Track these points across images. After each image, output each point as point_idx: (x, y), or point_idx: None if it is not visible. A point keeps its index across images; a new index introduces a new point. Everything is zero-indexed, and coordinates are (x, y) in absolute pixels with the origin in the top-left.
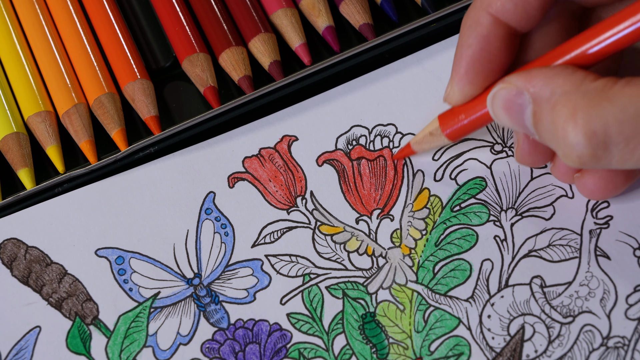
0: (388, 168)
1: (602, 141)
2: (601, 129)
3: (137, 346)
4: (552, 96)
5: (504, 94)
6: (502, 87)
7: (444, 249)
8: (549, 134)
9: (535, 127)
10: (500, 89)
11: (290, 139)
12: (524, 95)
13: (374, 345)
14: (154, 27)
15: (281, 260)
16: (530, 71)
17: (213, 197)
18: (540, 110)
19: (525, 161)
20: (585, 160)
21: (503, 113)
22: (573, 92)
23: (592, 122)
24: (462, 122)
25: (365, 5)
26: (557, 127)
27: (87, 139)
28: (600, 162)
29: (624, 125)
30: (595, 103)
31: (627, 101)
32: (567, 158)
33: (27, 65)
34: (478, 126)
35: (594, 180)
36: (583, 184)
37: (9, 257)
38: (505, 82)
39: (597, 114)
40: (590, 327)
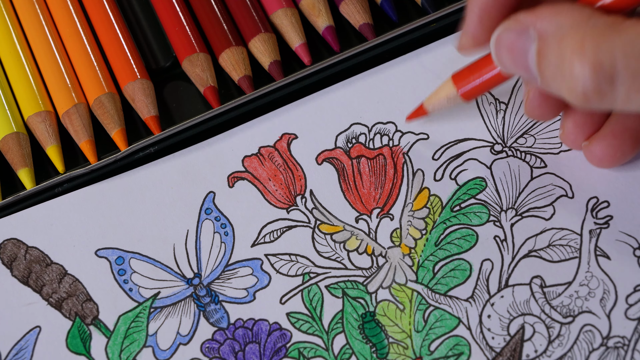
0: (388, 167)
1: (608, 74)
2: (608, 60)
3: (137, 346)
4: (559, 30)
5: (508, 33)
6: (507, 25)
7: (444, 249)
8: (555, 69)
9: (539, 65)
10: (506, 26)
11: (290, 137)
12: (530, 32)
13: (374, 344)
14: (154, 27)
15: (281, 260)
16: (536, 8)
17: (213, 197)
18: (546, 46)
19: (534, 113)
20: (590, 96)
21: (507, 54)
22: (582, 25)
23: (599, 53)
24: (477, 80)
25: (365, 5)
26: (564, 59)
27: (87, 139)
28: (604, 99)
29: (632, 60)
30: (604, 35)
31: (636, 36)
32: (572, 93)
33: (27, 65)
34: (493, 84)
35: (602, 148)
36: (591, 152)
37: (9, 257)
38: (510, 20)
39: (605, 45)
40: (590, 327)
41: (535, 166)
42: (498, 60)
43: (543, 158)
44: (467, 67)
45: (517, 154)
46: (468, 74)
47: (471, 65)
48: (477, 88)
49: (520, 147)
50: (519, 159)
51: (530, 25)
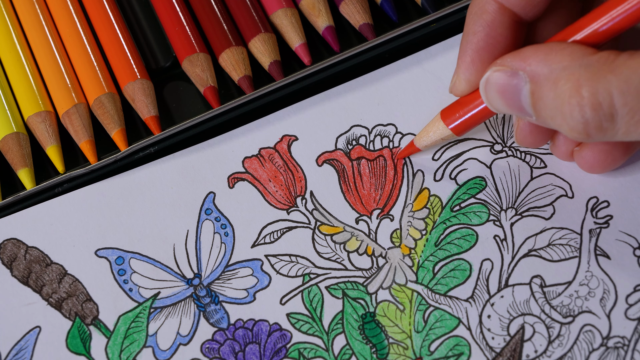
0: (388, 168)
1: (608, 113)
2: (606, 100)
3: (137, 346)
4: (552, 73)
5: (498, 76)
6: (495, 70)
7: (443, 249)
8: (552, 110)
9: (534, 106)
10: (494, 71)
11: (290, 138)
12: (520, 76)
13: (374, 345)
14: (154, 27)
15: (281, 260)
16: (522, 50)
17: (213, 197)
18: (540, 89)
19: (526, 142)
20: (592, 133)
21: (497, 97)
22: (574, 66)
23: (597, 94)
24: (466, 115)
25: (365, 5)
26: (562, 102)
27: (87, 139)
28: (606, 135)
29: (629, 97)
30: (599, 76)
31: (631, 73)
32: (574, 132)
33: (27, 65)
34: (483, 118)
35: (593, 153)
36: (582, 158)
37: (9, 257)
38: (497, 65)
39: (601, 86)
40: (590, 327)
41: (535, 166)
42: (488, 102)
43: (543, 158)
44: (455, 103)
45: (517, 153)
46: (456, 109)
47: (459, 100)
48: (466, 122)
49: (520, 147)
50: (518, 159)
51: (519, 68)
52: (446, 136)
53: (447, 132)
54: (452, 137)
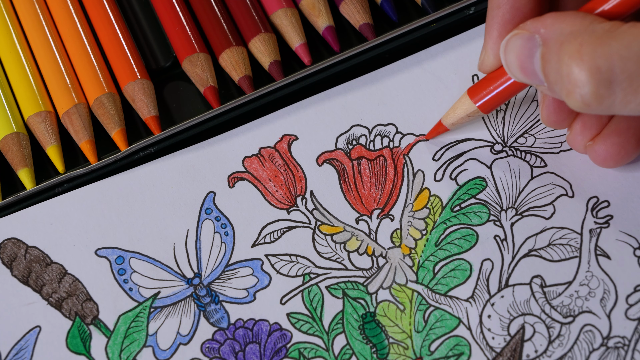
0: (388, 168)
1: (605, 78)
2: (605, 65)
3: (137, 346)
4: (560, 35)
5: (516, 39)
6: (515, 33)
7: (444, 249)
8: (555, 73)
9: (543, 70)
10: (513, 34)
11: (290, 138)
12: (535, 39)
13: (374, 345)
14: (154, 27)
15: (281, 260)
16: (543, 16)
17: (213, 196)
18: (549, 51)
19: (550, 120)
20: (588, 100)
21: (515, 60)
22: (581, 31)
23: (596, 58)
24: (494, 91)
25: (365, 5)
26: (562, 63)
27: (87, 139)
28: (603, 103)
29: (628, 63)
30: (601, 41)
31: (632, 39)
32: (571, 97)
33: (27, 65)
34: (511, 94)
35: (606, 147)
36: (595, 152)
37: (9, 257)
38: (518, 28)
39: (602, 50)
40: (591, 327)
41: (536, 165)
42: (507, 67)
43: (543, 157)
44: (482, 81)
45: (517, 153)
46: (483, 86)
47: (486, 77)
48: (493, 99)
49: (520, 147)
50: (519, 159)
51: (535, 31)
52: (472, 112)
53: (474, 109)
54: (478, 114)
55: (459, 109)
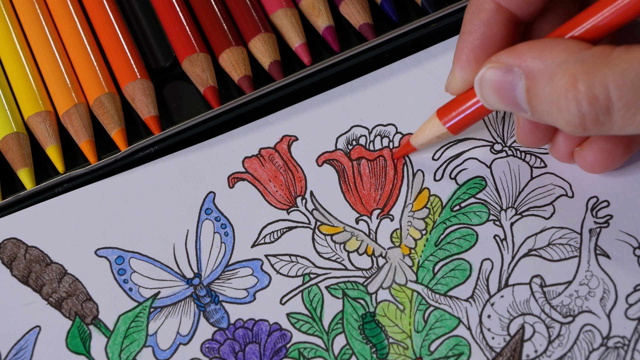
0: (388, 168)
1: (604, 106)
2: (602, 94)
3: (137, 346)
4: (547, 68)
5: (492, 73)
6: (490, 67)
7: (443, 249)
8: (548, 105)
9: (530, 102)
10: (489, 68)
11: (290, 139)
12: (515, 72)
13: (374, 345)
14: (154, 27)
15: (281, 260)
16: (516, 47)
17: (213, 197)
18: (535, 84)
19: (527, 141)
20: (589, 126)
21: (492, 93)
22: (570, 61)
23: (593, 87)
24: (463, 113)
25: (365, 5)
26: (559, 96)
27: (87, 139)
28: (602, 128)
29: (625, 90)
30: (594, 69)
31: (627, 66)
32: (570, 126)
33: (27, 65)
34: (479, 116)
35: (593, 153)
36: (583, 158)
37: (8, 256)
38: (492, 62)
39: (597, 79)
40: (590, 327)
41: (535, 166)
42: (483, 99)
43: (543, 158)
44: (451, 102)
45: (516, 153)
46: (453, 108)
47: (455, 99)
48: (462, 121)
49: (520, 147)
50: (518, 159)
51: (514, 64)
52: (442, 134)
53: (443, 130)
54: (448, 135)
55: (428, 130)
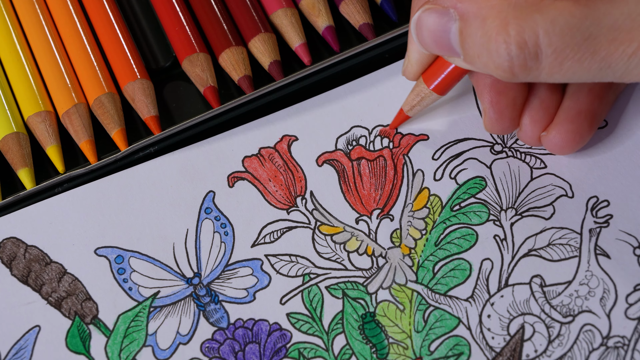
0: (388, 168)
1: (533, 52)
2: (532, 39)
3: (137, 345)
4: (481, 10)
5: (428, 14)
6: (426, 8)
7: (443, 249)
8: (479, 48)
9: (462, 45)
10: (425, 9)
11: (290, 138)
12: (450, 13)
13: (374, 345)
14: (154, 27)
15: (281, 260)
16: None
17: (213, 196)
18: (468, 26)
19: (494, 128)
20: (517, 71)
21: (428, 34)
22: (503, 4)
23: (523, 32)
24: (444, 72)
25: (365, 5)
26: (490, 39)
27: (87, 139)
28: (530, 74)
29: (554, 37)
30: (526, 15)
31: (558, 14)
32: (499, 69)
33: (27, 65)
34: (461, 74)
35: (560, 135)
36: (550, 141)
37: (8, 256)
38: (430, 3)
39: (528, 25)
40: (590, 327)
41: (535, 167)
42: (419, 41)
43: (543, 159)
44: (434, 65)
45: (516, 154)
46: (435, 70)
47: (436, 62)
48: (445, 80)
49: (520, 148)
50: (519, 160)
51: (451, 6)
52: (430, 97)
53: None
54: (436, 98)
55: (416, 95)
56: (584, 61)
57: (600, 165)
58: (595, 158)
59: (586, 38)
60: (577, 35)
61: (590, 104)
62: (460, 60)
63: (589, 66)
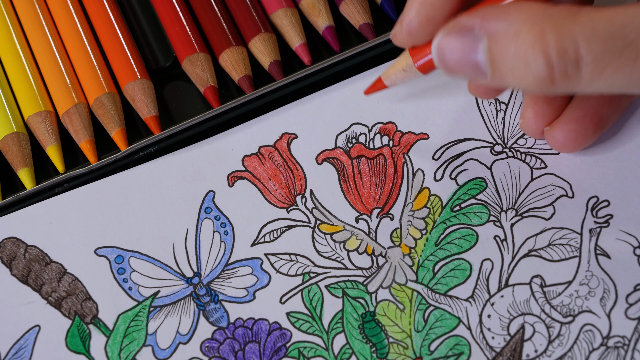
0: (388, 167)
1: (573, 59)
2: (572, 46)
3: (137, 345)
4: (511, 25)
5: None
6: (447, 32)
7: (444, 249)
8: (514, 62)
9: (493, 62)
10: (447, 34)
11: (290, 136)
12: (474, 33)
13: (374, 344)
14: (154, 27)
15: (281, 259)
16: (477, 10)
17: (212, 195)
18: (499, 43)
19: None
20: (557, 79)
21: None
22: (536, 17)
23: (562, 40)
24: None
25: (365, 5)
26: (527, 51)
27: (87, 139)
28: (570, 83)
29: (594, 45)
30: (563, 24)
31: (596, 23)
32: (538, 80)
33: (27, 65)
34: None
35: (563, 132)
36: (553, 137)
37: (8, 256)
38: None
39: (566, 33)
40: (590, 327)
41: (536, 167)
42: (442, 66)
43: (543, 159)
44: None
45: (517, 154)
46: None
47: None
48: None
49: (520, 148)
50: (519, 160)
51: (476, 26)
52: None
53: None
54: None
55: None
56: (625, 68)
57: (600, 165)
58: (596, 158)
59: (627, 45)
60: (617, 42)
61: (600, 107)
62: (486, 79)
63: (630, 73)
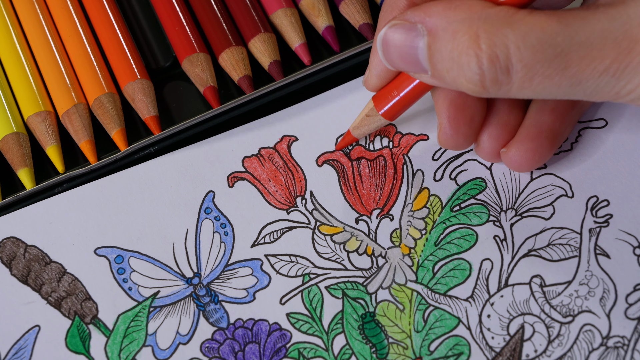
0: (388, 168)
1: (504, 66)
2: (503, 53)
3: (137, 345)
4: (450, 24)
5: (394, 30)
6: (393, 24)
7: (443, 249)
8: (449, 62)
9: (431, 59)
10: (392, 25)
11: (290, 139)
12: (417, 28)
13: (374, 345)
14: (154, 27)
15: (281, 260)
16: (422, 5)
17: (213, 196)
18: (437, 41)
19: (447, 143)
20: (488, 85)
21: (394, 50)
22: (473, 18)
23: (495, 46)
24: (395, 98)
25: (365, 5)
26: (460, 53)
27: (87, 139)
28: (501, 89)
29: (525, 52)
30: (497, 29)
31: (529, 29)
32: (471, 83)
33: (27, 65)
34: (411, 100)
35: (520, 152)
36: (509, 158)
37: (8, 256)
38: (397, 19)
39: (499, 39)
40: (590, 327)
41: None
42: (385, 58)
43: None
44: (385, 87)
45: None
46: (387, 93)
47: (389, 85)
48: (396, 106)
49: None
50: None
51: (419, 21)
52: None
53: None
54: (385, 122)
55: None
56: (554, 77)
57: (600, 165)
58: (595, 158)
59: (557, 54)
60: (548, 51)
61: (552, 123)
62: (427, 76)
63: (559, 82)
